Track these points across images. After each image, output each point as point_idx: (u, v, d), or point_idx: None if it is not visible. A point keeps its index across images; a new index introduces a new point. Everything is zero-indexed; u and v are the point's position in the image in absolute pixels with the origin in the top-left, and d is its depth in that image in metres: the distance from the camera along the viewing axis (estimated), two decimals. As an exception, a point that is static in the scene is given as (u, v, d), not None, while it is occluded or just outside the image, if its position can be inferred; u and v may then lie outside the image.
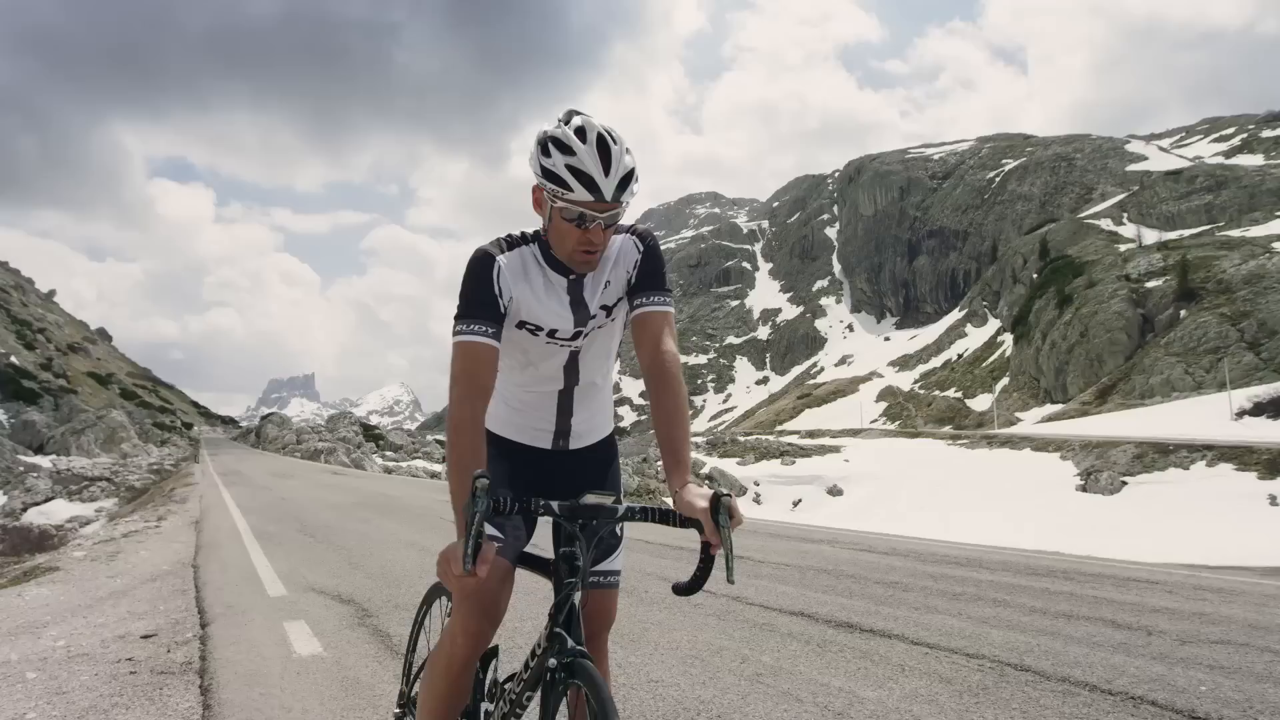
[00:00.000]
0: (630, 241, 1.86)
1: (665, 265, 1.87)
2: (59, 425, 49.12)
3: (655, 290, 1.82)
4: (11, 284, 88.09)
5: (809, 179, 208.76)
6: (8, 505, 30.64)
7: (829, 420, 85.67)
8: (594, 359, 1.90)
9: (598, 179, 1.61)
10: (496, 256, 1.73)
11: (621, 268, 1.83)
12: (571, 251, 1.70)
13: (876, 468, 41.81)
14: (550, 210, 1.68)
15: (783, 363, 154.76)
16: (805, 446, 50.06)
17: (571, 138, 1.63)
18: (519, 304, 1.75)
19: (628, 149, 1.68)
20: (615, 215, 1.67)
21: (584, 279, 1.80)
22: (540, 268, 1.78)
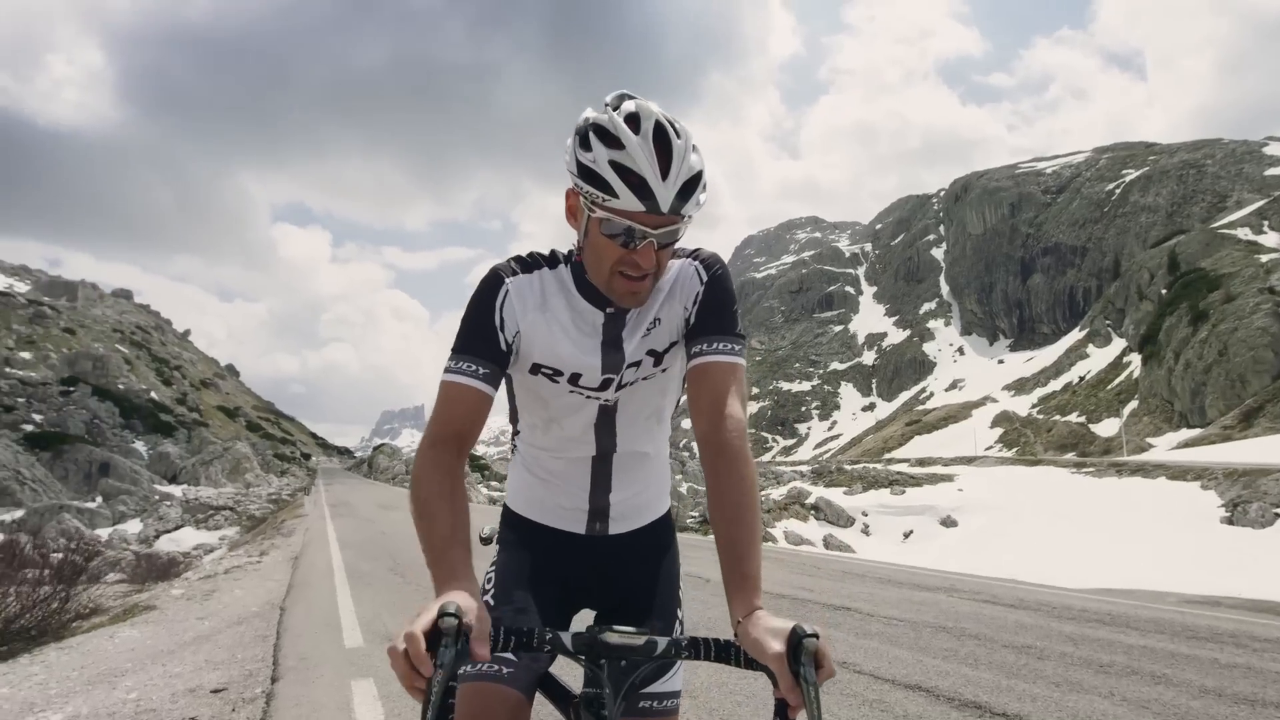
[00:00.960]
0: (691, 269, 1.44)
1: (736, 302, 1.44)
2: (190, 456, 52.20)
3: (720, 335, 1.38)
4: (153, 325, 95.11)
5: (912, 199, 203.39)
6: (143, 533, 32.61)
7: (940, 447, 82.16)
8: (637, 419, 1.50)
9: (652, 182, 1.23)
10: (505, 279, 1.38)
11: (678, 301, 1.42)
12: (610, 277, 1.32)
13: (993, 497, 39.57)
14: (587, 221, 1.30)
15: (889, 388, 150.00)
16: (916, 475, 47.98)
17: (621, 126, 1.24)
18: (530, 341, 1.39)
19: (694, 146, 1.29)
20: (673, 233, 1.29)
21: (626, 314, 1.41)
22: (566, 296, 1.41)
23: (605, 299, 1.38)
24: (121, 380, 67.13)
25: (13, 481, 36.88)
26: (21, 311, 73.52)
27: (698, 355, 1.37)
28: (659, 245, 1.28)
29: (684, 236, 1.34)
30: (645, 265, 1.29)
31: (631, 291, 1.33)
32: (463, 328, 1.35)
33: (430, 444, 1.28)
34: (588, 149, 1.26)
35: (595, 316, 1.41)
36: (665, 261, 1.34)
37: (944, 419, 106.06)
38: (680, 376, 1.49)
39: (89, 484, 43.86)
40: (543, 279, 1.42)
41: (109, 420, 55.91)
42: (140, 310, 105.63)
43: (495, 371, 1.33)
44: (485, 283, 1.38)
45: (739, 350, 1.38)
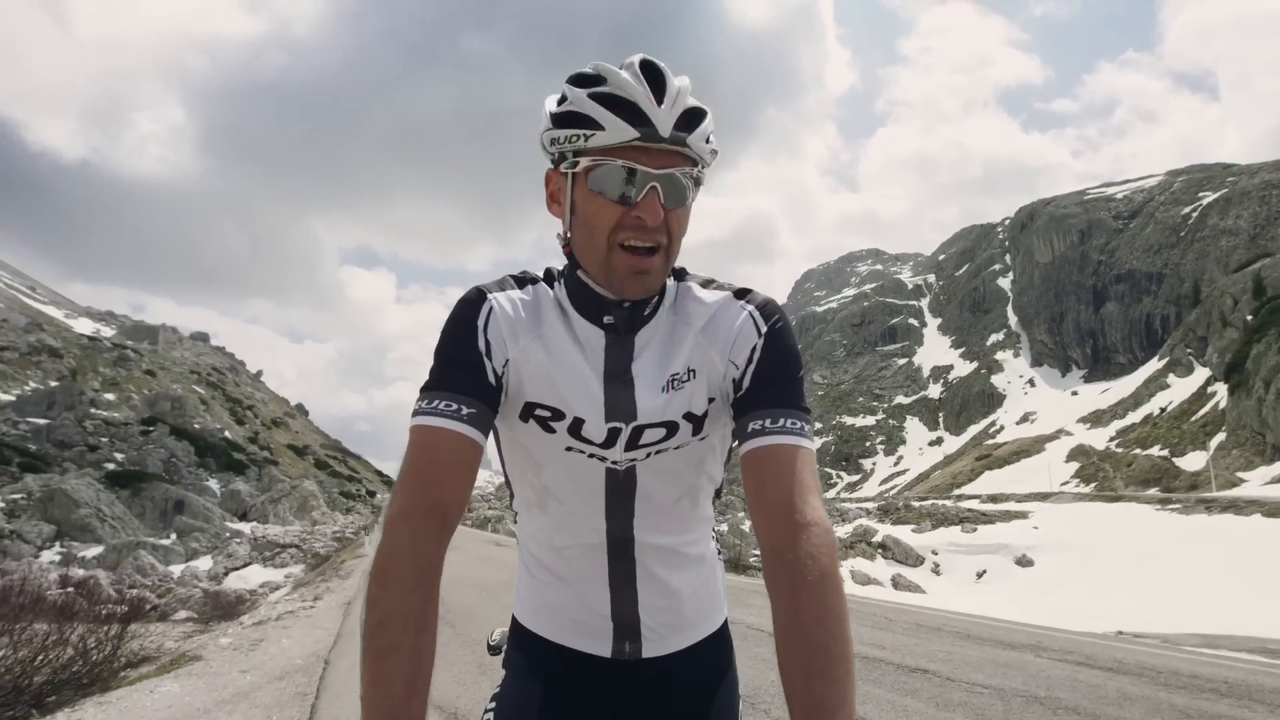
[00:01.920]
0: (743, 315, 1.13)
1: (801, 365, 1.12)
2: (260, 494, 53.50)
3: (785, 408, 1.06)
4: (228, 366, 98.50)
5: (976, 229, 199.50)
6: (213, 569, 33.28)
7: (1012, 483, 79.20)
8: (663, 501, 1.16)
9: (644, 105, 1.00)
10: (488, 297, 1.10)
11: (720, 349, 1.11)
12: (609, 255, 1.05)
13: (1071, 536, 37.74)
14: (571, 189, 1.06)
15: (957, 422, 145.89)
16: (988, 512, 46.19)
17: (603, 68, 1.04)
18: (522, 372, 1.09)
19: (689, 91, 1.06)
20: (681, 180, 1.04)
21: (633, 334, 1.11)
22: (562, 313, 1.13)
23: (603, 307, 1.09)
24: (197, 420, 69.44)
25: (94, 518, 38.19)
26: (107, 355, 76.98)
27: (757, 435, 1.04)
28: (664, 197, 1.02)
29: (694, 195, 1.08)
30: (651, 220, 1.01)
31: (638, 270, 1.04)
32: (437, 358, 1.05)
33: (401, 516, 0.94)
34: (563, 101, 1.06)
35: (593, 335, 1.11)
36: (679, 230, 1.06)
37: (1015, 453, 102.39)
38: (723, 448, 1.19)
39: (164, 521, 45.20)
40: (536, 295, 1.14)
41: (185, 459, 57.79)
42: (216, 352, 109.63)
43: (482, 412, 1.02)
44: (464, 301, 1.10)
45: (809, 430, 1.06)
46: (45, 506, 36.52)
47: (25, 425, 52.02)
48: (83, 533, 36.90)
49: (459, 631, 7.64)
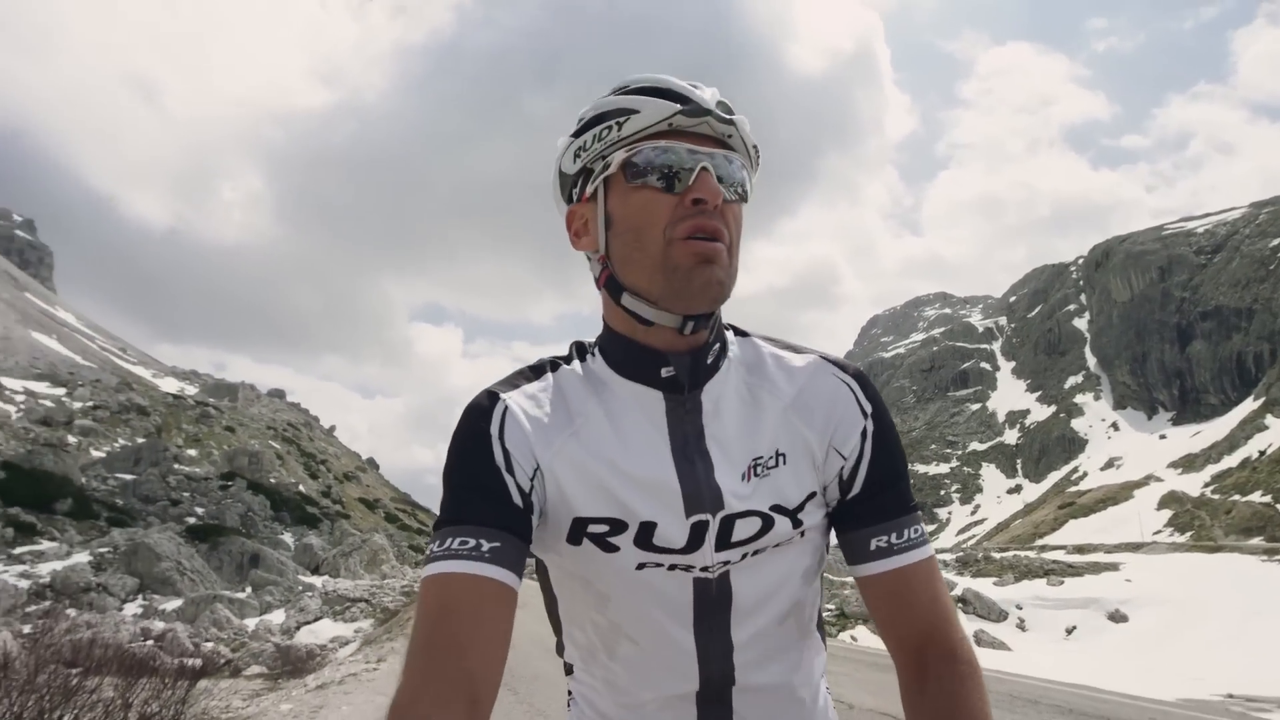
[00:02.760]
0: (844, 387, 0.96)
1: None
2: (332, 548, 54.26)
3: (905, 513, 0.94)
4: (302, 422, 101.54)
5: (1048, 269, 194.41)
6: (285, 624, 33.68)
7: (1099, 532, 75.47)
8: (768, 622, 0.94)
9: (681, 88, 0.88)
10: (500, 398, 0.91)
11: (819, 422, 0.94)
12: (667, 251, 0.86)
13: (1168, 589, 35.51)
14: (603, 204, 0.90)
15: (1036, 468, 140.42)
16: (1074, 564, 43.88)
17: (627, 82, 0.92)
18: (560, 481, 0.89)
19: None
20: (734, 162, 0.89)
21: (699, 390, 0.92)
22: (602, 388, 0.94)
23: (658, 358, 0.91)
24: (273, 474, 71.38)
25: (175, 572, 39.23)
26: (190, 412, 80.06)
27: (884, 555, 0.92)
28: (722, 184, 0.87)
29: (750, 189, 0.93)
30: (711, 199, 0.85)
31: (705, 258, 0.85)
32: (447, 486, 0.87)
33: (410, 701, 0.72)
34: (584, 120, 0.93)
35: (648, 401, 0.92)
36: (738, 231, 0.90)
37: (1101, 501, 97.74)
38: (825, 548, 0.99)
39: (240, 574, 46.14)
40: (561, 382, 0.95)
41: (261, 513, 59.27)
42: (292, 408, 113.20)
43: (510, 545, 0.82)
44: (471, 410, 0.90)
45: (925, 535, 0.95)
46: (130, 560, 37.78)
47: (114, 481, 54.23)
48: (163, 585, 37.96)
49: (521, 699, 7.38)
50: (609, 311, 0.95)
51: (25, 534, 34.00)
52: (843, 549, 0.95)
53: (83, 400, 51.60)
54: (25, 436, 38.76)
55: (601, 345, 0.97)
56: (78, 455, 54.13)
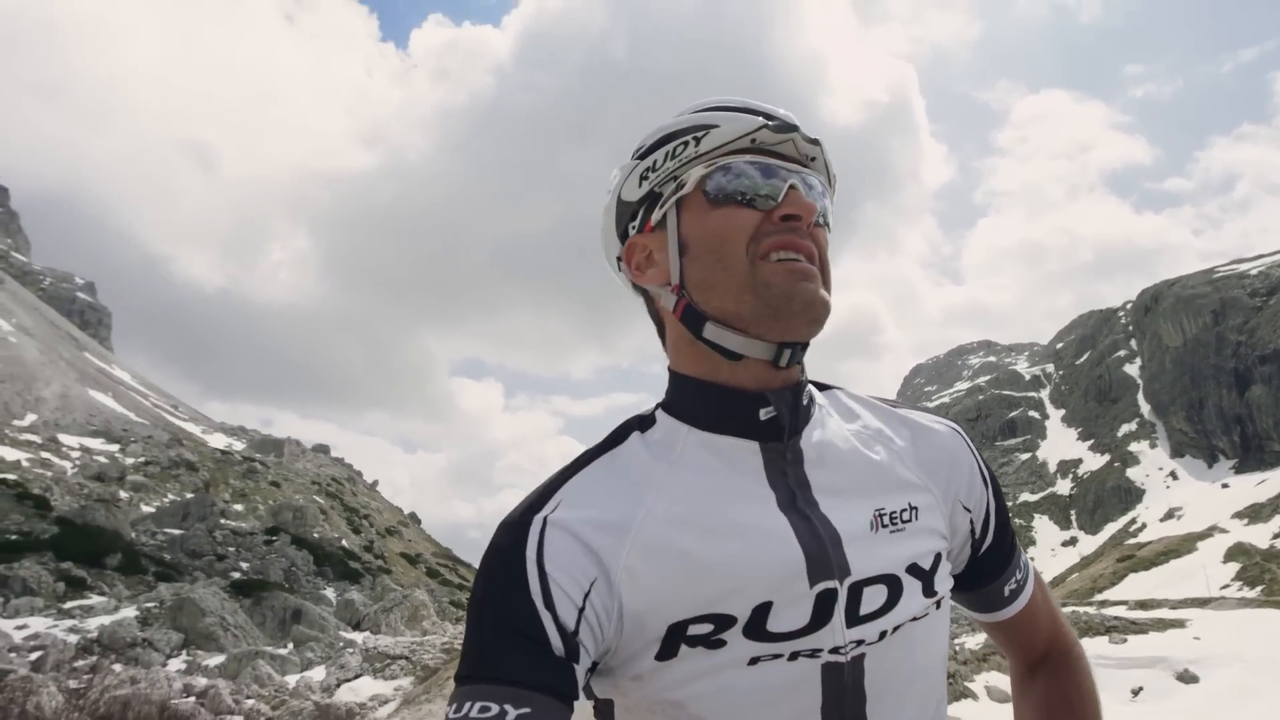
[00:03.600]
0: (960, 439, 0.91)
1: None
2: (373, 604, 54.20)
3: (1014, 547, 0.93)
4: (345, 477, 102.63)
5: (1095, 315, 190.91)
6: (325, 680, 33.54)
7: (1162, 587, 72.27)
8: (909, 702, 0.78)
9: (763, 107, 0.82)
10: (537, 515, 0.74)
11: (942, 475, 0.86)
12: (753, 270, 0.77)
13: (1242, 647, 33.52)
14: (676, 227, 0.81)
15: (1092, 520, 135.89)
16: (1138, 620, 41.70)
17: (699, 103, 0.86)
18: (639, 580, 0.72)
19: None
20: (819, 184, 0.82)
21: (797, 436, 0.81)
22: (674, 449, 0.80)
23: (751, 400, 0.79)
24: (317, 529, 71.98)
25: (218, 627, 39.43)
26: (238, 468, 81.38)
27: (1017, 596, 0.91)
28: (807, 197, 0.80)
29: (830, 220, 0.84)
30: (806, 215, 0.78)
31: (803, 276, 0.77)
32: (471, 626, 0.73)
33: None
34: (645, 144, 0.85)
35: (741, 454, 0.79)
36: (827, 259, 0.80)
37: (1163, 554, 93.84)
38: (948, 615, 0.86)
39: (283, 630, 46.18)
40: (618, 464, 0.80)
41: (304, 568, 59.59)
42: (336, 463, 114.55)
43: (545, 712, 0.66)
44: (502, 531, 0.74)
45: (1029, 561, 0.96)
46: (175, 615, 38.12)
47: (162, 536, 55.13)
48: (207, 641, 38.15)
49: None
50: (681, 355, 0.84)
51: (75, 588, 34.57)
52: (971, 605, 0.90)
53: (135, 456, 52.88)
54: (79, 492, 39.75)
55: (669, 403, 0.84)
56: (128, 510, 55.26)
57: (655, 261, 0.83)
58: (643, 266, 0.85)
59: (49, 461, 43.00)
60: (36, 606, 21.31)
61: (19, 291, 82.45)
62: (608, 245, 0.89)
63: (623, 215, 0.86)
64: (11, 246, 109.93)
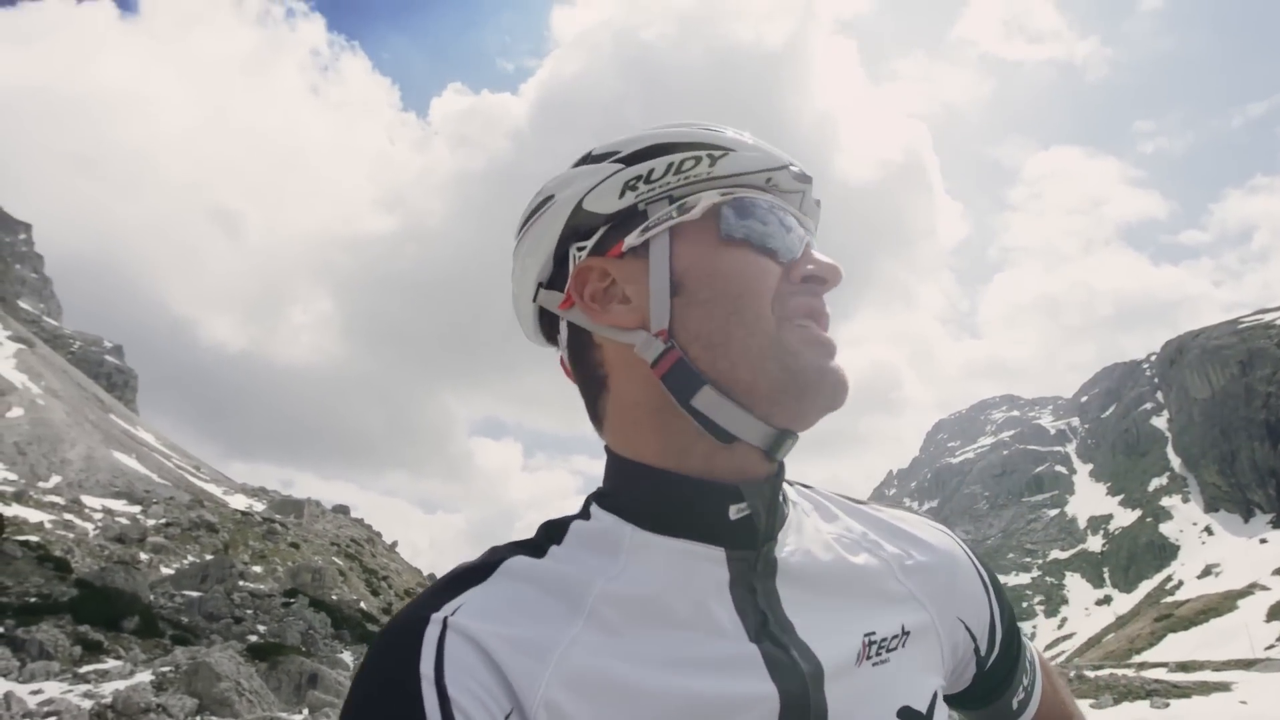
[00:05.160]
0: (944, 535, 0.77)
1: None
2: (391, 667, 53.36)
3: (1020, 650, 0.79)
4: (365, 538, 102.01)
5: (1119, 367, 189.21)
6: (342, 747, 32.86)
7: (1203, 648, 69.84)
8: None
9: (763, 145, 0.68)
10: (429, 623, 0.55)
11: (939, 592, 0.72)
12: (780, 333, 0.63)
13: (1291, 712, 32.26)
14: (668, 256, 0.65)
15: (1126, 577, 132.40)
16: (1179, 683, 40.26)
17: (688, 121, 0.70)
18: (566, 717, 0.55)
19: None
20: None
21: (773, 543, 0.65)
22: (618, 556, 0.62)
23: (725, 495, 0.62)
24: (335, 591, 71.35)
25: (233, 692, 38.87)
26: (257, 529, 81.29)
27: (1027, 703, 0.79)
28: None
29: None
30: (831, 279, 0.66)
31: (832, 352, 0.65)
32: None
33: None
34: (614, 156, 0.67)
35: (705, 561, 0.62)
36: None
37: (1202, 612, 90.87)
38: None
39: (298, 695, 45.46)
40: (547, 571, 0.61)
41: (321, 630, 58.88)
42: (355, 524, 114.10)
43: None
44: (387, 641, 0.55)
45: (1028, 641, 0.82)
46: (190, 679, 37.63)
47: (180, 598, 54.80)
48: (221, 706, 37.54)
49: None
50: (636, 428, 0.65)
51: (92, 652, 34.27)
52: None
53: (156, 518, 52.96)
54: (100, 554, 39.73)
55: (608, 494, 0.67)
56: (148, 573, 55.08)
57: (625, 297, 0.65)
58: (601, 300, 0.66)
59: (71, 523, 43.15)
60: (53, 671, 21.01)
61: (49, 355, 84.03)
62: (531, 259, 0.70)
63: (576, 228, 0.67)
64: (44, 311, 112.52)
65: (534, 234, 0.68)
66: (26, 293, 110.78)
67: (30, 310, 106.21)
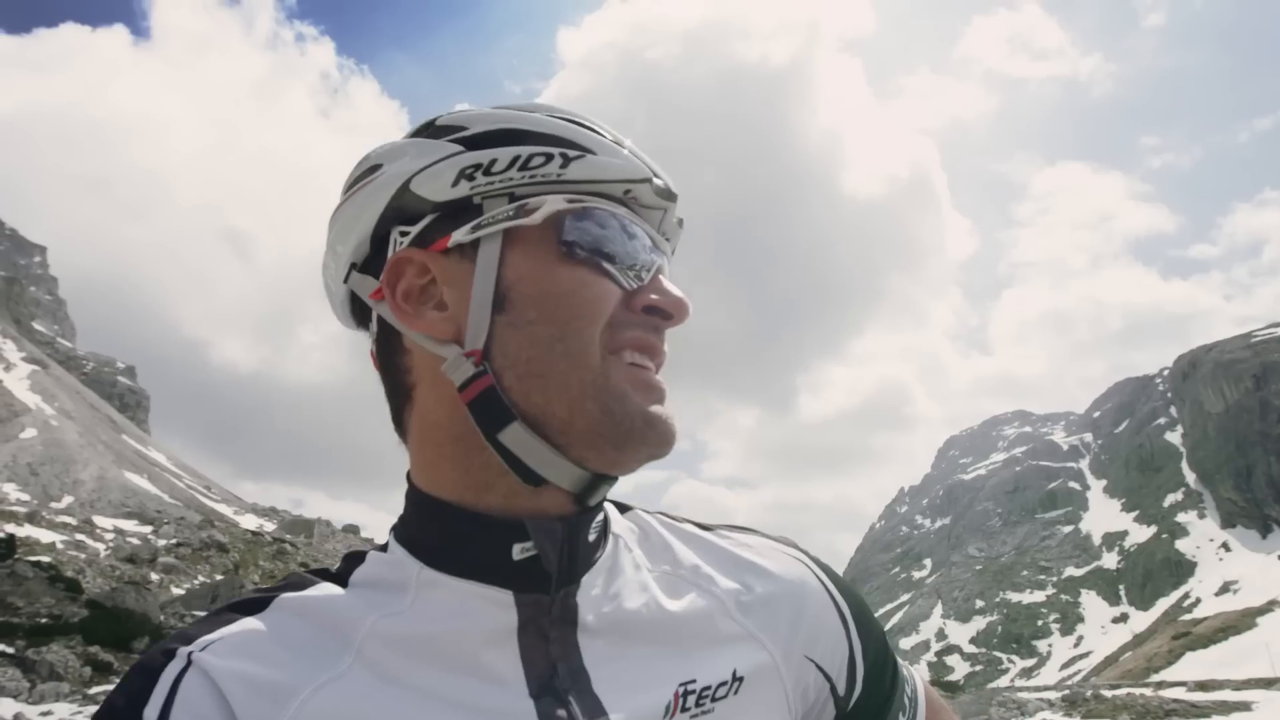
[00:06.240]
0: (811, 575, 0.69)
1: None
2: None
3: (897, 678, 0.71)
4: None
5: (1131, 382, 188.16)
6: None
7: (1222, 666, 68.86)
8: None
9: (637, 151, 0.61)
10: (171, 661, 0.51)
11: (783, 629, 0.64)
12: (600, 364, 0.56)
13: (1314, 733, 31.72)
14: (498, 262, 0.57)
15: (1142, 595, 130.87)
16: (1199, 703, 39.64)
17: (554, 107, 0.63)
18: None
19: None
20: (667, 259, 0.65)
21: (575, 586, 0.58)
22: (398, 597, 0.57)
23: (509, 533, 0.56)
24: (345, 611, 71.39)
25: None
26: (268, 549, 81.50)
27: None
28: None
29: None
30: (677, 315, 0.60)
31: (660, 396, 0.59)
32: None
33: None
34: (461, 131, 0.59)
35: (491, 606, 0.56)
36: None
37: (1221, 630, 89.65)
38: None
39: (309, 717, 45.37)
40: (318, 608, 0.56)
41: (331, 651, 59.02)
42: (366, 544, 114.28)
43: None
44: (114, 701, 0.50)
45: (911, 671, 0.75)
46: (201, 701, 37.92)
47: (190, 618, 54.92)
48: (233, 728, 37.65)
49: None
50: (437, 457, 0.59)
51: (102, 673, 34.37)
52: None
53: (167, 538, 53.11)
54: (112, 574, 39.81)
55: (403, 523, 0.61)
56: (158, 593, 55.19)
57: (443, 302, 0.57)
58: (415, 300, 0.58)
59: (83, 544, 43.31)
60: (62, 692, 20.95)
61: (63, 376, 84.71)
62: (347, 236, 0.61)
63: (400, 209, 0.58)
64: (58, 333, 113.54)
65: (352, 208, 0.60)
66: (41, 314, 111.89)
67: (44, 332, 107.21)
